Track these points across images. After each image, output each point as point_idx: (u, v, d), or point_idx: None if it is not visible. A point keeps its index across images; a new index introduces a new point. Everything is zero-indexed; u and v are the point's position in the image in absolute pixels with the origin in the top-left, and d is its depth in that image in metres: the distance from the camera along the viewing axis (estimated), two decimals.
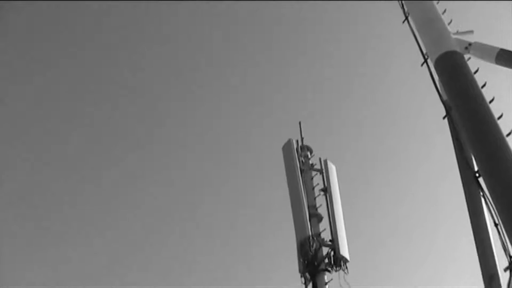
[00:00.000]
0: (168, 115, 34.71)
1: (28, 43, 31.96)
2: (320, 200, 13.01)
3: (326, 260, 12.03)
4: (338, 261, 12.02)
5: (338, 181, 13.43)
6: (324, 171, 13.34)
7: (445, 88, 7.46)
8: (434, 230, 30.50)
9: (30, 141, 32.97)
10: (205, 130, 34.59)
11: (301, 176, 13.08)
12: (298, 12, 31.18)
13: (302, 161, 13.47)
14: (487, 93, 6.96)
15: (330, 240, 12.34)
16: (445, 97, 7.61)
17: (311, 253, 11.92)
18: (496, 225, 6.54)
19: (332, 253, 12.12)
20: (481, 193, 7.01)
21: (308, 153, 13.71)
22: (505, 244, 6.41)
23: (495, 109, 6.77)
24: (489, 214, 6.79)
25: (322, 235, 12.43)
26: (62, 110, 33.30)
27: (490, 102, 6.86)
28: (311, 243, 12.00)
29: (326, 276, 11.92)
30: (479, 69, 7.27)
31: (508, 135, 6.55)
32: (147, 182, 33.89)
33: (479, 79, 7.13)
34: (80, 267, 29.12)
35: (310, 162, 13.58)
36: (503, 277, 6.68)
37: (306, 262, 11.92)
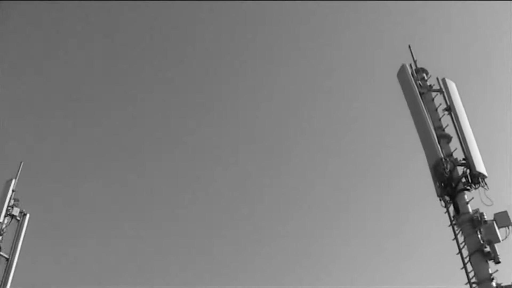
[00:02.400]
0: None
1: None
2: (445, 120, 12.60)
3: (463, 180, 11.66)
4: (475, 178, 11.58)
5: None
6: (444, 90, 12.85)
7: None
8: None
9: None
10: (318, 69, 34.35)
11: (422, 99, 12.69)
12: None
13: (419, 84, 13.06)
14: None
15: (463, 159, 11.90)
16: None
17: (446, 175, 11.57)
18: None
19: (468, 171, 11.70)
20: None
21: (424, 75, 13.26)
22: None
23: None
24: None
25: (454, 155, 12.03)
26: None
27: None
28: (445, 165, 11.64)
29: (466, 196, 11.57)
30: None
31: None
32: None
33: None
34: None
35: (428, 83, 13.13)
36: None
37: (443, 184, 11.61)
